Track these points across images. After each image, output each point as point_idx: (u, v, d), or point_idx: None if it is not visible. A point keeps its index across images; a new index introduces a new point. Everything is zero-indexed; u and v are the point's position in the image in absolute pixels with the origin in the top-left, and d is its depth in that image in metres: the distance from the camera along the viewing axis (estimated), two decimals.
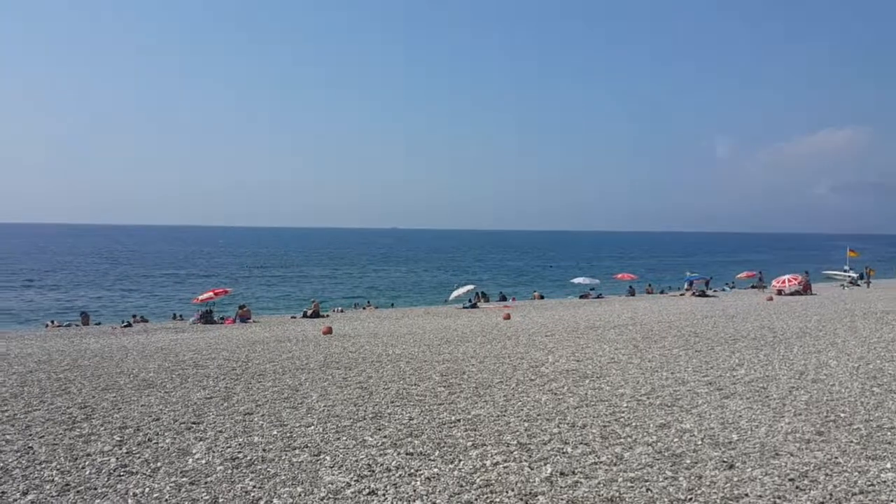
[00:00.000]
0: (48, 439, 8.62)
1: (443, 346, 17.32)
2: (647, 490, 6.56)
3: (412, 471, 7.19)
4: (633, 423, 9.04)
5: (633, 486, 6.66)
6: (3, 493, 6.67)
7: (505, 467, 7.26)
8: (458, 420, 9.31)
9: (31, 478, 7.14)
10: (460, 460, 7.51)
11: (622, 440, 8.27)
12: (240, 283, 63.41)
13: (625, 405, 10.11)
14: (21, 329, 30.32)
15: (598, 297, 42.74)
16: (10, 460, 7.72)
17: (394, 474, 7.09)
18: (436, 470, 7.20)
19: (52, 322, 31.75)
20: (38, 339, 23.56)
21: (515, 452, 7.77)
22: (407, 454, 7.77)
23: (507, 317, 27.73)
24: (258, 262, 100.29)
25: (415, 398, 10.79)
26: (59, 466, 7.52)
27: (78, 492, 6.74)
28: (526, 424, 9.02)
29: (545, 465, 7.33)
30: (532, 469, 7.19)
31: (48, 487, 6.85)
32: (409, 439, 8.38)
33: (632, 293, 45.39)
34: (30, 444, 8.36)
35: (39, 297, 48.96)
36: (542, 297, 44.96)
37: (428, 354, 15.82)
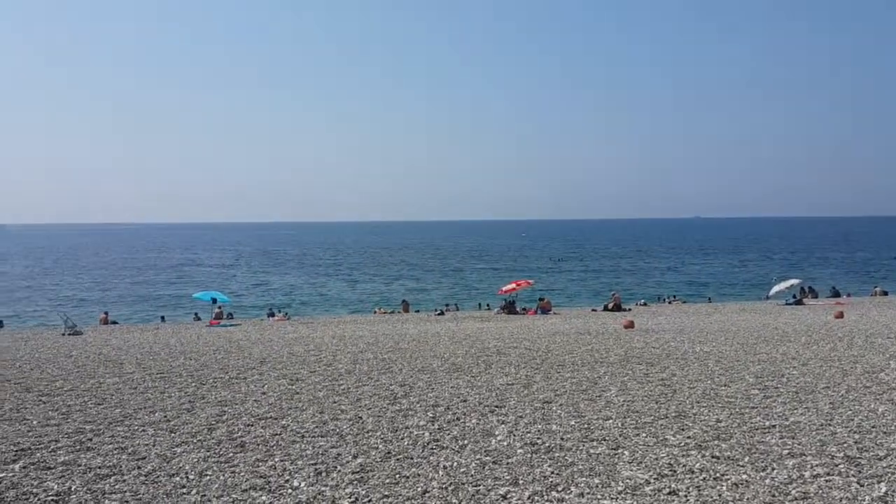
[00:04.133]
0: (374, 411, 9.70)
1: (759, 345, 15.89)
2: None
3: (718, 475, 6.66)
4: None
5: None
6: (338, 454, 7.66)
7: (827, 481, 6.37)
8: (774, 426, 8.43)
9: (361, 444, 8.07)
10: (773, 469, 6.78)
11: None
12: (549, 274, 65.30)
13: None
14: (354, 315, 34.80)
15: None
16: (344, 427, 8.85)
17: (697, 476, 6.64)
18: (745, 476, 6.59)
19: (379, 308, 35.91)
20: (368, 323, 26.82)
21: (841, 466, 6.79)
22: (713, 457, 7.23)
23: (840, 315, 24.52)
24: (562, 254, 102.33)
25: (724, 399, 10.03)
26: (382, 436, 8.40)
27: (398, 459, 7.44)
28: (856, 436, 7.84)
29: (878, 482, 6.27)
30: (861, 486, 6.20)
31: (373, 453, 7.68)
32: (716, 442, 7.79)
33: None
34: (360, 415, 9.49)
35: (366, 287, 55.83)
36: (885, 294, 39.01)
37: (741, 353, 14.62)
